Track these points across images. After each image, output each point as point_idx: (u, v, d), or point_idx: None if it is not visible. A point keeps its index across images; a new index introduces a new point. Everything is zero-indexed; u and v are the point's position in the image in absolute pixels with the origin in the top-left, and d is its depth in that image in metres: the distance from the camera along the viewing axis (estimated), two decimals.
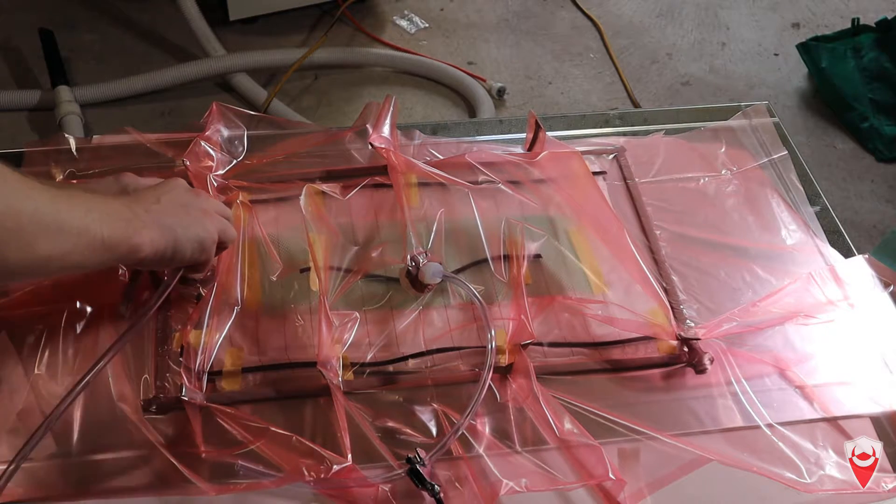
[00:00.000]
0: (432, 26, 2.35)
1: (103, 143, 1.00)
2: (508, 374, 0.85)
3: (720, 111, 1.17)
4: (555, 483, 0.78)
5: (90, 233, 0.67)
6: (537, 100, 2.18)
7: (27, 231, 0.62)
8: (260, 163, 0.99)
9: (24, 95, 1.93)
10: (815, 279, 0.93)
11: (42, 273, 0.65)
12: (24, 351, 0.82)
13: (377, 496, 0.74)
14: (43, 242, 0.63)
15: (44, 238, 0.63)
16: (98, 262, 0.69)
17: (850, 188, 2.05)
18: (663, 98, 2.23)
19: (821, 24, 2.48)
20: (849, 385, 0.89)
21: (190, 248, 0.77)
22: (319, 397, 0.82)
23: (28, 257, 0.62)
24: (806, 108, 2.24)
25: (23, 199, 0.62)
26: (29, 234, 0.62)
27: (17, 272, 0.64)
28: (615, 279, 0.95)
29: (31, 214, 0.62)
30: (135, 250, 0.71)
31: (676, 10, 2.50)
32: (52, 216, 0.64)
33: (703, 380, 0.88)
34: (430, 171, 0.98)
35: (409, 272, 0.91)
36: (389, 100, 1.02)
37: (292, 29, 2.25)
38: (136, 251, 0.71)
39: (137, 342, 0.83)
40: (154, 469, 0.75)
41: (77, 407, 0.78)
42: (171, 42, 2.18)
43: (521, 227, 0.96)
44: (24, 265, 0.63)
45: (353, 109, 2.07)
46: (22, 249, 0.61)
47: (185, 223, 0.77)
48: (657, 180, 1.07)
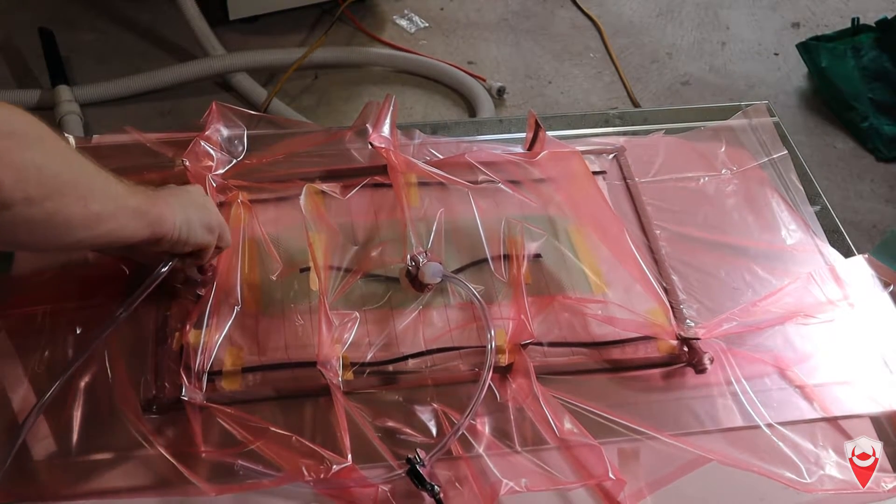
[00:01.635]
0: (432, 26, 2.35)
1: (103, 143, 1.01)
2: (508, 373, 0.85)
3: (720, 111, 1.17)
4: (555, 483, 0.78)
5: (124, 199, 0.70)
6: (537, 99, 2.18)
7: (82, 186, 0.65)
8: (260, 162, 0.99)
9: (24, 95, 1.94)
10: (815, 279, 0.93)
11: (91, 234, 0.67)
12: (24, 351, 0.82)
13: (377, 496, 0.74)
14: (93, 200, 0.66)
15: (93, 196, 0.66)
16: (133, 229, 0.72)
17: (850, 188, 2.05)
18: (663, 98, 2.22)
19: (821, 24, 2.48)
20: (849, 385, 0.89)
21: (199, 226, 0.80)
22: (319, 397, 0.82)
23: (84, 213, 0.65)
24: (806, 108, 2.24)
25: (80, 163, 0.67)
26: (83, 188, 0.65)
27: (77, 228, 0.66)
28: (615, 279, 0.95)
29: (87, 175, 0.67)
30: (160, 219, 0.74)
31: (676, 9, 2.50)
32: (100, 181, 0.68)
33: (703, 380, 0.88)
34: (429, 171, 0.98)
35: (409, 272, 0.91)
36: (389, 99, 1.02)
37: (292, 29, 2.25)
38: (161, 221, 0.74)
39: (137, 342, 0.84)
40: (154, 469, 0.75)
41: (77, 407, 0.79)
42: (171, 42, 2.18)
43: (521, 226, 0.96)
44: (82, 221, 0.65)
45: (352, 109, 2.07)
46: (79, 203, 0.64)
47: (190, 202, 0.81)
48: (657, 180, 1.07)
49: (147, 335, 0.85)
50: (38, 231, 0.63)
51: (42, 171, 0.61)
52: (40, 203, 0.61)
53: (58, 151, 0.65)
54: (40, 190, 0.61)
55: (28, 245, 0.76)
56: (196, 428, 0.77)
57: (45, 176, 0.61)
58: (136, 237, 0.72)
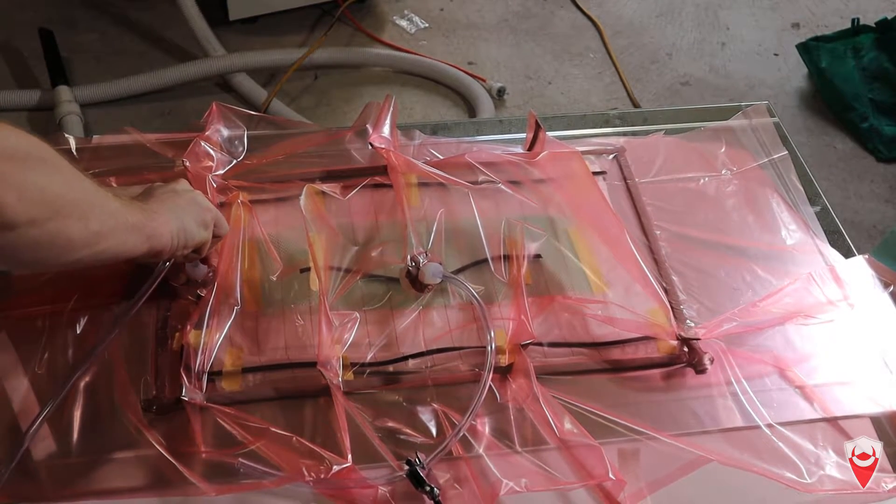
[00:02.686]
0: (432, 26, 2.35)
1: (103, 143, 1.01)
2: (508, 374, 0.85)
3: (720, 111, 1.17)
4: (555, 483, 0.78)
5: (123, 216, 0.71)
6: (537, 100, 2.18)
7: (83, 205, 0.66)
8: (260, 163, 0.99)
9: (24, 95, 1.93)
10: (815, 279, 0.93)
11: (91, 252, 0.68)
12: (24, 351, 0.82)
13: (376, 497, 0.74)
14: (93, 219, 0.67)
15: (93, 215, 0.67)
16: (132, 245, 0.72)
17: (850, 188, 2.05)
18: (663, 98, 2.23)
19: (821, 24, 2.48)
20: (849, 385, 0.89)
21: (195, 225, 0.80)
22: (319, 397, 0.82)
23: (85, 232, 0.66)
24: (806, 108, 2.24)
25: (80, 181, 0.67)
26: (85, 208, 0.66)
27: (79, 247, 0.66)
28: (615, 279, 0.95)
29: (87, 193, 0.67)
30: (157, 234, 0.74)
31: (676, 10, 2.50)
32: (99, 199, 0.68)
33: (703, 380, 0.88)
34: (430, 171, 0.98)
35: (409, 272, 0.91)
36: (389, 100, 1.02)
37: (292, 29, 2.25)
38: (157, 235, 0.74)
39: (138, 342, 0.84)
40: (154, 469, 0.75)
41: (77, 407, 0.79)
42: (171, 42, 2.18)
43: (521, 227, 0.96)
44: (83, 241, 0.66)
45: (352, 109, 2.07)
46: (80, 222, 0.65)
47: (182, 205, 0.80)
48: (657, 180, 1.07)
49: (147, 335, 0.85)
50: (41, 251, 0.63)
51: (45, 192, 0.62)
52: (43, 224, 0.61)
53: (60, 172, 0.65)
54: (44, 211, 0.61)
55: (30, 264, 0.77)
56: (196, 428, 0.77)
57: (47, 197, 0.62)
58: (135, 253, 0.73)
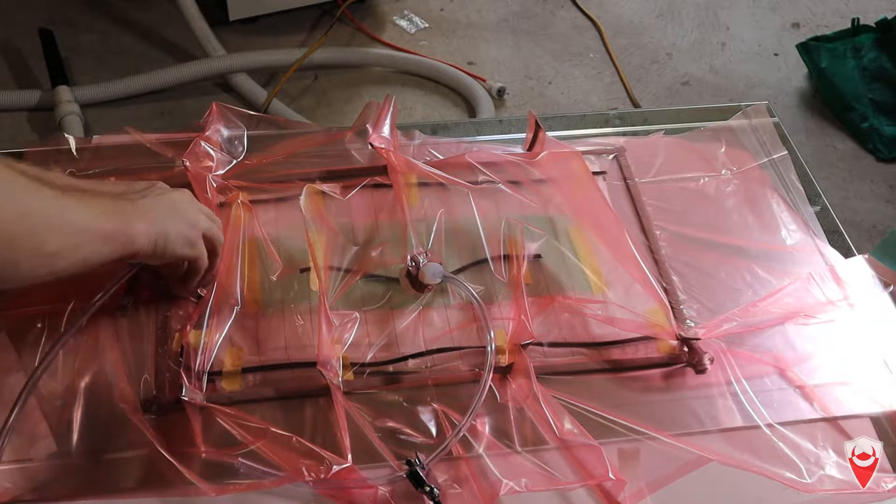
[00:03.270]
0: (432, 26, 2.35)
1: (103, 143, 1.00)
2: (508, 374, 0.85)
3: (720, 111, 1.17)
4: (555, 483, 0.78)
5: (92, 227, 0.69)
6: (537, 100, 2.18)
7: (38, 230, 0.64)
8: (260, 163, 0.99)
9: (24, 95, 1.93)
10: (815, 279, 0.93)
11: (48, 272, 0.66)
12: (24, 351, 0.82)
13: (376, 497, 0.74)
14: (51, 240, 0.65)
15: (52, 236, 0.65)
16: (99, 256, 0.70)
17: (850, 188, 2.05)
18: (663, 98, 2.22)
19: (821, 24, 2.48)
20: (849, 385, 0.89)
21: (179, 240, 0.78)
22: (319, 397, 0.82)
23: (37, 257, 0.64)
24: (806, 108, 2.24)
25: (32, 200, 0.64)
26: (40, 233, 0.64)
27: (27, 275, 0.65)
28: (615, 279, 0.95)
29: (42, 214, 0.64)
30: (131, 241, 0.72)
31: (676, 10, 2.50)
32: (58, 214, 0.66)
33: (703, 380, 0.88)
34: (430, 171, 0.98)
35: (409, 272, 0.91)
36: (389, 100, 1.02)
37: (292, 29, 2.25)
38: (131, 242, 0.73)
39: (138, 342, 0.84)
40: (154, 469, 0.75)
41: (77, 407, 0.79)
42: (171, 42, 2.18)
43: (521, 227, 0.96)
44: (33, 265, 0.65)
45: (352, 109, 2.07)
46: (33, 249, 0.63)
47: (171, 216, 0.78)
48: (657, 180, 1.07)
49: (147, 335, 0.85)
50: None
51: None
52: None
53: (10, 194, 0.62)
54: None
55: None
56: (196, 428, 0.77)
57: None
58: (108, 259, 0.71)
